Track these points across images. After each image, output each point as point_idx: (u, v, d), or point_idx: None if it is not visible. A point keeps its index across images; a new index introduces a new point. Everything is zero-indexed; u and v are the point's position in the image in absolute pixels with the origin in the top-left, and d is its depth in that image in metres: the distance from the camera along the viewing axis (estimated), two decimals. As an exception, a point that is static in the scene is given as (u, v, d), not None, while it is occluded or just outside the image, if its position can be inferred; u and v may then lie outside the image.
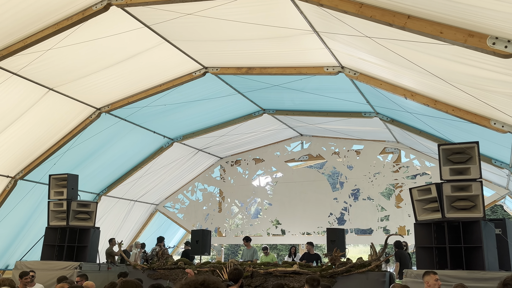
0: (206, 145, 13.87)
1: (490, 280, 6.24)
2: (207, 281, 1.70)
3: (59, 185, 9.80)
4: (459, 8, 4.24)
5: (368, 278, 8.00)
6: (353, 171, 13.44)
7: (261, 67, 8.90)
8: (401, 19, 4.83)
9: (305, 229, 13.70)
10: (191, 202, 15.52)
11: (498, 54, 4.30)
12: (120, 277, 7.53)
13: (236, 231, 15.10)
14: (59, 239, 9.54)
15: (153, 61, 8.84)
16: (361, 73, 7.97)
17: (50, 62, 8.07)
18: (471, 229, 6.79)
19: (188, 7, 6.55)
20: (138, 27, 7.52)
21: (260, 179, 14.95)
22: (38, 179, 10.89)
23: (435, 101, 7.29)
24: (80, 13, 6.92)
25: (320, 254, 11.63)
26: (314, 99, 10.47)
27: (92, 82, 9.09)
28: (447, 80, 5.87)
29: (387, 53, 6.04)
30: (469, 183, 6.83)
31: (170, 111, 11.10)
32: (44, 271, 8.71)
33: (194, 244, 10.58)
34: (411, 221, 10.13)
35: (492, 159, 9.40)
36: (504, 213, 19.74)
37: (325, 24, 6.42)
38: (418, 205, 7.39)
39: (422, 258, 7.22)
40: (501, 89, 5.44)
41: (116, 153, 12.10)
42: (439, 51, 5.13)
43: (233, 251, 31.76)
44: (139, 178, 13.42)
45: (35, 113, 9.32)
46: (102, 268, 9.39)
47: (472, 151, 6.90)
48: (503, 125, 6.63)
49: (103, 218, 12.96)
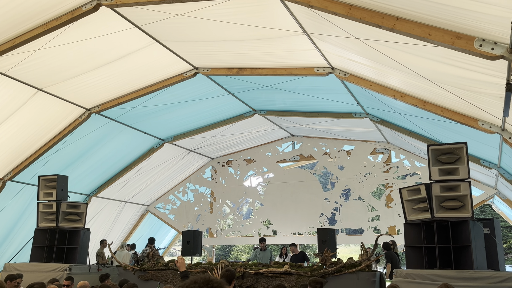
0: (197, 145, 13.85)
1: (478, 279, 6.30)
2: (211, 282, 1.62)
3: (49, 186, 9.72)
4: (447, 11, 4.29)
5: (359, 278, 8.03)
6: (344, 172, 13.50)
7: (252, 68, 8.91)
8: (390, 21, 4.87)
9: (296, 229, 13.73)
10: (182, 203, 15.48)
11: (485, 56, 4.35)
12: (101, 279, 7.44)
13: (228, 232, 15.09)
14: (48, 241, 9.45)
15: (144, 61, 8.81)
16: (351, 74, 8.01)
17: (39, 62, 8.01)
18: (460, 229, 6.85)
19: (179, 8, 6.54)
20: (128, 27, 7.49)
21: (251, 180, 14.96)
22: (27, 180, 10.80)
23: (424, 102, 7.35)
24: (70, 13, 6.87)
25: (304, 251, 11.63)
26: (305, 100, 10.51)
27: (82, 82, 9.04)
28: (436, 81, 5.93)
29: (376, 55, 6.08)
30: (458, 183, 6.89)
31: (161, 111, 11.07)
32: (33, 273, 8.62)
33: (185, 245, 10.55)
34: (401, 221, 10.19)
35: (481, 159, 9.50)
36: (493, 213, 19.96)
37: (315, 25, 6.44)
38: (408, 205, 7.44)
39: (412, 257, 7.27)
40: (488, 91, 5.51)
41: (106, 154, 12.04)
42: (428, 52, 5.18)
43: (224, 252, 31.73)
44: (130, 179, 13.36)
45: (24, 113, 9.24)
46: (92, 269, 9.32)
47: (460, 152, 6.96)
48: (491, 126, 6.71)
49: (94, 219, 12.88)
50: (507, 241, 26.10)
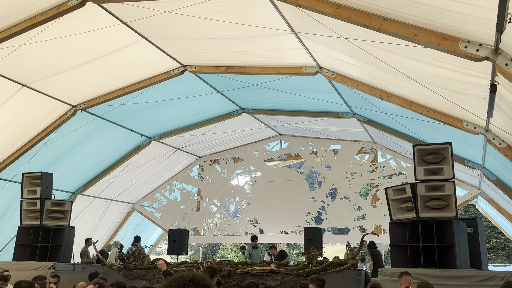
0: (185, 144, 13.79)
1: (461, 278, 6.40)
2: (196, 278, 1.61)
3: (33, 184, 9.59)
4: (433, 12, 4.33)
5: (344, 276, 8.09)
6: (330, 171, 13.57)
7: (240, 66, 8.89)
8: (377, 21, 4.91)
9: (283, 228, 13.76)
10: (169, 201, 15.40)
11: (470, 57, 4.41)
12: (90, 278, 7.40)
13: (215, 231, 15.06)
14: (32, 239, 9.33)
15: (131, 58, 8.73)
16: (339, 74, 8.05)
17: (23, 57, 7.89)
18: (444, 228, 6.93)
19: (167, 5, 6.49)
20: (115, 23, 7.41)
21: (238, 178, 14.95)
22: (11, 178, 10.64)
23: (411, 103, 7.42)
24: (55, 8, 6.77)
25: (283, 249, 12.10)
26: (293, 99, 10.53)
27: (68, 78, 8.92)
28: (422, 82, 5.98)
29: (363, 55, 6.11)
30: (443, 183, 6.97)
31: (148, 109, 10.99)
32: (17, 272, 8.49)
33: (172, 243, 10.50)
34: (387, 220, 10.28)
35: (465, 159, 9.62)
36: (477, 213, 20.24)
37: (303, 24, 6.46)
38: (393, 205, 7.51)
39: (397, 256, 7.34)
40: (473, 92, 5.58)
41: (92, 151, 11.92)
42: (414, 53, 5.23)
43: (211, 251, 31.66)
44: (116, 177, 13.24)
45: (8, 110, 9.09)
46: (76, 268, 9.23)
47: (445, 152, 7.04)
48: (475, 127, 6.79)
49: (79, 218, 12.74)
50: (490, 240, 26.52)
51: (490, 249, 26.88)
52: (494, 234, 26.47)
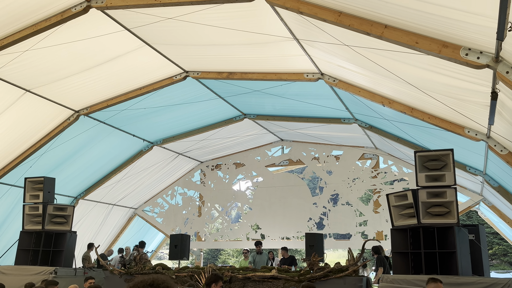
0: (187, 149, 13.82)
1: (463, 284, 6.37)
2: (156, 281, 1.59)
3: (35, 188, 9.61)
4: (434, 20, 4.36)
5: (346, 283, 8.06)
6: (332, 177, 13.57)
7: (242, 72, 8.93)
8: (378, 29, 4.94)
9: (285, 233, 13.75)
10: (171, 206, 15.41)
11: (471, 64, 4.43)
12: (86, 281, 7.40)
13: (216, 236, 15.05)
14: (34, 244, 9.34)
15: (134, 64, 8.78)
16: (340, 80, 8.08)
17: (27, 63, 7.95)
18: (446, 235, 6.92)
19: (169, 11, 6.55)
20: (118, 30, 7.47)
21: (240, 184, 14.96)
22: (14, 182, 10.67)
23: (412, 109, 7.44)
24: (59, 15, 6.84)
25: (294, 255, 11.77)
26: (295, 105, 10.56)
27: (71, 84, 8.98)
28: (423, 88, 6.00)
29: (365, 61, 6.14)
30: (444, 189, 6.96)
31: (150, 114, 11.04)
32: (18, 276, 8.52)
33: (173, 248, 10.50)
34: (388, 226, 10.27)
35: (467, 166, 9.62)
36: (479, 219, 20.19)
37: (305, 31, 6.50)
38: (395, 211, 7.50)
39: (398, 263, 7.32)
40: (474, 98, 5.60)
41: (94, 156, 11.95)
42: (415, 60, 5.25)
43: (213, 256, 31.60)
44: (118, 182, 13.27)
45: (12, 115, 9.15)
46: (78, 273, 9.23)
47: (447, 158, 7.04)
48: (477, 134, 6.81)
49: (80, 222, 12.77)
50: (492, 247, 26.41)
51: (492, 256, 26.76)
52: (496, 241, 26.37)
